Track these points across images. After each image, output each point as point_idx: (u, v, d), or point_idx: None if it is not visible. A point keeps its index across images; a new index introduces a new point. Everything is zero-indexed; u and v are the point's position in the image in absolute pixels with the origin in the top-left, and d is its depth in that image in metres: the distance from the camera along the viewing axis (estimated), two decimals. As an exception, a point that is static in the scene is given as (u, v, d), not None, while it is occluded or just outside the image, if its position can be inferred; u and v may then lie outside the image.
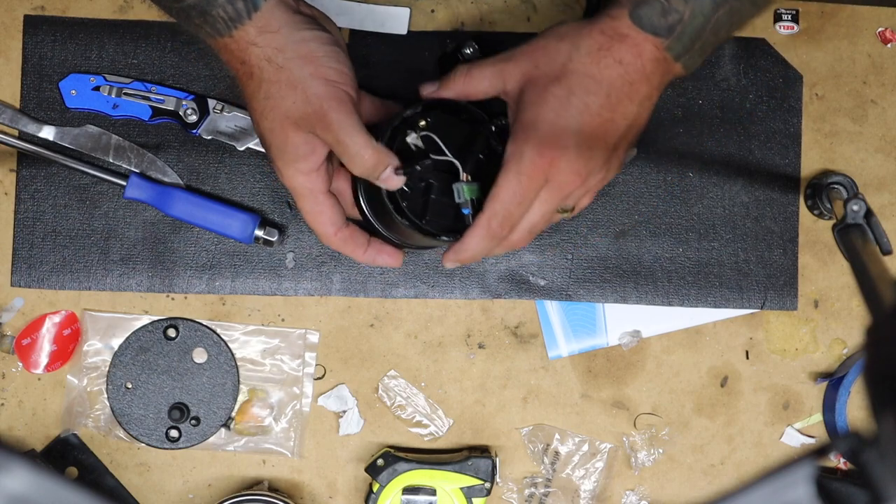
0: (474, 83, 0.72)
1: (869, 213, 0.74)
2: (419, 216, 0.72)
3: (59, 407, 0.86)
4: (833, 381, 0.88)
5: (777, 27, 0.89)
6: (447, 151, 0.72)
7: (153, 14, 0.87)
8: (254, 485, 0.86)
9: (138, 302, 0.87)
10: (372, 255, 0.77)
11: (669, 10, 0.66)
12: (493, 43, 0.87)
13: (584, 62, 0.68)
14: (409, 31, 0.87)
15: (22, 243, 0.86)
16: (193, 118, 0.85)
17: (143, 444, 0.86)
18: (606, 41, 0.67)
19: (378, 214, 0.75)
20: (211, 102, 0.86)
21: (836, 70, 0.89)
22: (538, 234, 0.75)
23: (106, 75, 0.86)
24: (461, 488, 0.83)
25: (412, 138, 0.71)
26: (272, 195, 0.87)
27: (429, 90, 0.74)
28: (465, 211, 0.72)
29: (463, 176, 0.72)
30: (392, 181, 0.69)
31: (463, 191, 0.71)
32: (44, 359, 0.86)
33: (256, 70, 0.68)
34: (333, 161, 0.73)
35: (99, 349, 0.86)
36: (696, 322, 0.88)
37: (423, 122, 0.72)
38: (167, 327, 0.86)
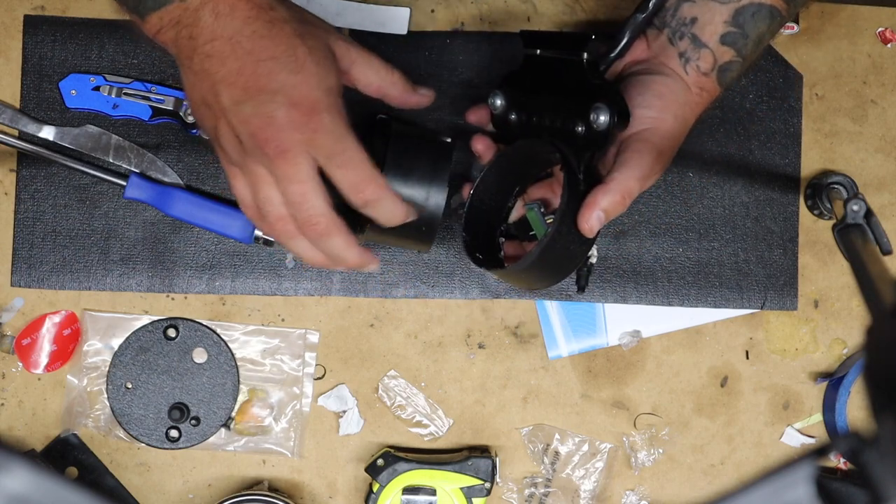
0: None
1: (869, 213, 0.74)
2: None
3: (59, 407, 0.86)
4: (833, 381, 0.88)
5: (777, 27, 0.89)
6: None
7: (153, 14, 0.87)
8: (254, 485, 0.86)
9: (138, 302, 0.87)
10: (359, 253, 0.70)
11: (743, 65, 0.73)
12: (493, 43, 0.87)
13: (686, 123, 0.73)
14: (409, 31, 0.87)
15: (22, 243, 0.86)
16: (193, 118, 0.85)
17: (143, 444, 0.86)
18: (696, 99, 0.73)
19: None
20: (211, 102, 0.86)
21: (836, 70, 0.89)
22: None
23: (106, 75, 0.86)
24: (461, 488, 0.83)
25: None
26: (272, 195, 0.87)
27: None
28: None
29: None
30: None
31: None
32: (44, 359, 0.86)
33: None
34: None
35: (99, 349, 0.86)
36: (696, 322, 0.88)
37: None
38: (167, 327, 0.86)
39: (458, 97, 0.87)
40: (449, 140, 0.76)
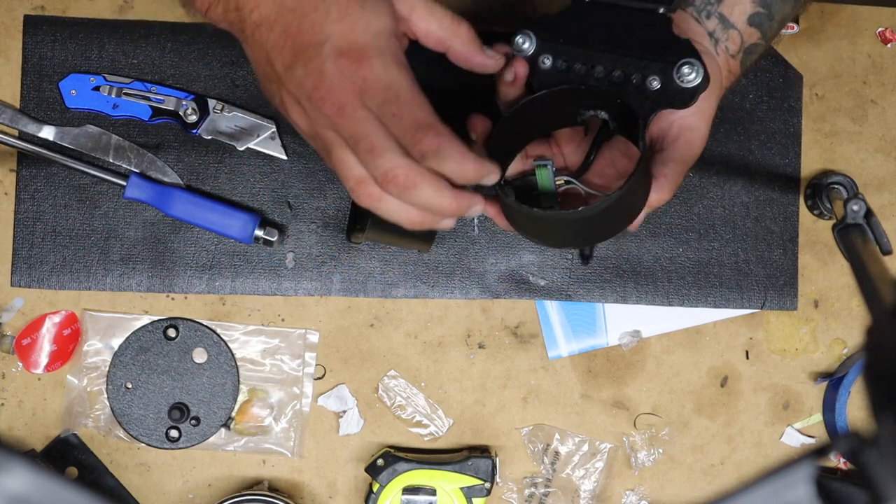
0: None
1: (869, 213, 0.74)
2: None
3: (59, 407, 0.86)
4: (833, 381, 0.88)
5: (777, 27, 0.89)
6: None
7: (153, 14, 0.87)
8: (254, 485, 0.86)
9: (138, 302, 0.87)
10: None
11: (764, 48, 0.70)
12: (493, 42, 0.87)
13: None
14: (409, 31, 0.87)
15: (22, 243, 0.86)
16: (193, 118, 0.85)
17: (143, 444, 0.86)
18: (726, 82, 0.70)
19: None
20: (211, 102, 0.86)
21: (836, 70, 0.89)
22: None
23: (106, 75, 0.86)
24: (461, 488, 0.83)
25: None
26: (272, 195, 0.87)
27: None
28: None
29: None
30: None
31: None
32: (44, 359, 0.86)
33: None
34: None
35: (99, 349, 0.86)
36: (696, 322, 0.88)
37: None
38: (167, 327, 0.86)
39: (459, 97, 0.86)
40: None
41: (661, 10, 0.65)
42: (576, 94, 0.67)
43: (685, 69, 0.64)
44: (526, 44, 0.68)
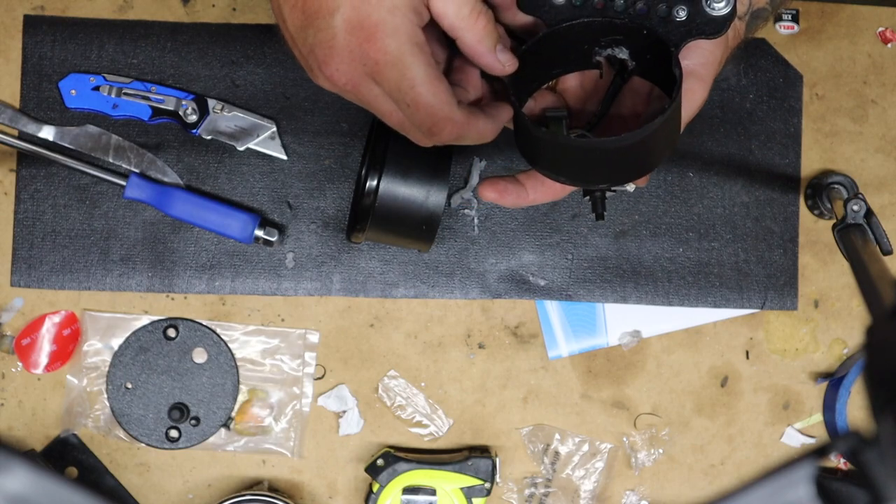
0: None
1: (869, 213, 0.74)
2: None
3: (59, 407, 0.86)
4: (833, 381, 0.88)
5: (777, 27, 0.89)
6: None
7: (153, 14, 0.87)
8: (254, 485, 0.86)
9: (138, 302, 0.87)
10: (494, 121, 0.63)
11: (769, 14, 0.68)
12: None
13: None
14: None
15: (22, 243, 0.86)
16: (193, 118, 0.85)
17: (143, 444, 0.86)
18: (730, 42, 0.66)
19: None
20: (211, 102, 0.86)
21: (836, 70, 0.89)
22: None
23: (106, 75, 0.86)
24: (461, 488, 0.83)
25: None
26: (272, 195, 0.87)
27: None
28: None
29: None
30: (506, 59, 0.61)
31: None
32: (44, 359, 0.86)
33: None
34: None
35: (99, 349, 0.86)
36: (696, 322, 0.88)
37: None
38: (167, 327, 0.86)
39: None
40: None
41: None
42: (594, 28, 0.64)
43: None
44: None
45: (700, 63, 0.65)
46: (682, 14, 0.62)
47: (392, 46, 0.54)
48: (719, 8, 0.62)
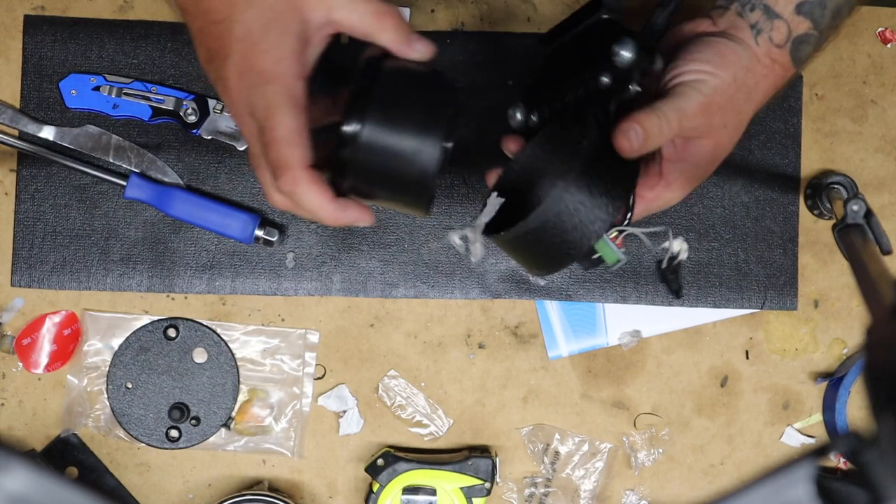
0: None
1: (869, 213, 0.74)
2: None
3: (59, 407, 0.86)
4: (833, 381, 0.88)
5: (777, 27, 0.89)
6: None
7: (153, 14, 0.87)
8: (254, 485, 0.86)
9: (138, 302, 0.87)
10: (341, 210, 0.64)
11: (819, 40, 0.69)
12: (493, 44, 0.87)
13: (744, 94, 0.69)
14: (409, 31, 0.87)
15: (22, 243, 0.86)
16: (193, 118, 0.85)
17: (143, 444, 0.86)
18: (765, 70, 0.68)
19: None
20: (211, 102, 0.86)
21: (836, 70, 0.89)
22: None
23: (106, 75, 0.86)
24: (461, 488, 0.83)
25: None
26: (272, 195, 0.87)
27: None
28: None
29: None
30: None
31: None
32: (44, 359, 0.86)
33: None
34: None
35: (99, 349, 0.86)
36: (696, 322, 0.88)
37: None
38: (167, 327, 0.86)
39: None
40: (457, 83, 0.64)
41: (605, 17, 0.67)
42: (552, 129, 0.69)
43: (616, 52, 0.63)
44: (518, 113, 0.72)
45: (707, 70, 0.66)
46: (606, 80, 0.65)
47: (270, 93, 0.59)
48: (624, 58, 0.64)
